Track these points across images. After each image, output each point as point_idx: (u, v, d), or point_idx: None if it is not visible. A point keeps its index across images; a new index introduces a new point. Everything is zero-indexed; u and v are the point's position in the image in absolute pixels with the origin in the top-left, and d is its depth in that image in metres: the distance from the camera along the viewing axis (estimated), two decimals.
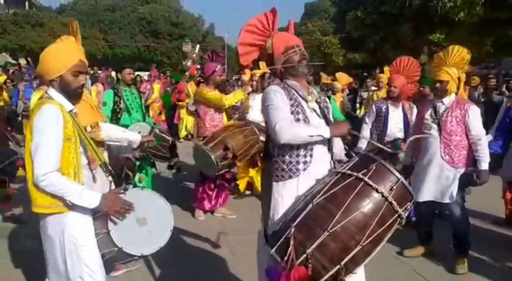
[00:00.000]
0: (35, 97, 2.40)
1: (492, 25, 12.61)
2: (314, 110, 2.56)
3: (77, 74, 2.27)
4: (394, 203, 2.07)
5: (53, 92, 2.27)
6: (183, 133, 10.98)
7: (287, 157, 2.50)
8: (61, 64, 2.24)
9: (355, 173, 2.13)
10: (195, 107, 5.83)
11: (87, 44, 37.52)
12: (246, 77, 11.35)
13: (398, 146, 4.99)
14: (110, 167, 2.42)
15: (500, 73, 27.69)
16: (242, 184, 6.28)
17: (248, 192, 6.38)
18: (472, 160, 4.00)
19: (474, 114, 3.94)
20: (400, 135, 5.05)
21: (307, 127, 2.43)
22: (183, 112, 10.80)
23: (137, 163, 4.87)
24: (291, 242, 2.05)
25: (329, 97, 5.51)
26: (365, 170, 2.12)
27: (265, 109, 2.48)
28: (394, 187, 2.09)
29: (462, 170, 3.97)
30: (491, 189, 5.63)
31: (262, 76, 7.31)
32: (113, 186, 2.46)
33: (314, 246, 2.02)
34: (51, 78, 2.27)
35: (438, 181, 3.97)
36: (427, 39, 13.28)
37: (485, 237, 4.84)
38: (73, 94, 2.29)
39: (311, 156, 2.50)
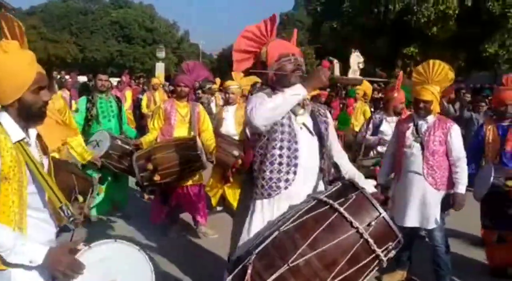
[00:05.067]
0: None
1: (464, 40, 12.83)
2: (305, 125, 2.38)
3: (38, 91, 1.76)
4: (371, 241, 1.84)
5: (4, 118, 1.74)
6: None
7: (267, 173, 2.33)
8: (17, 85, 1.72)
9: (330, 201, 1.90)
10: None
11: (57, 47, 36.62)
12: (215, 85, 11.11)
13: (378, 163, 4.88)
14: (71, 211, 1.83)
15: (469, 87, 28.53)
16: (214, 199, 6.01)
17: (219, 208, 6.10)
18: (452, 181, 3.87)
19: (456, 134, 3.81)
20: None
21: (278, 95, 2.23)
22: None
23: (98, 175, 4.68)
24: (249, 271, 1.85)
25: None
26: (342, 199, 1.89)
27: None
28: (373, 223, 1.86)
29: (444, 193, 3.82)
30: (470, 207, 5.52)
31: (253, 85, 7.11)
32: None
33: (271, 279, 1.81)
34: (7, 104, 1.74)
35: (422, 206, 3.78)
36: (402, 53, 13.39)
37: (465, 260, 4.71)
38: (37, 115, 1.80)
39: (294, 173, 2.31)
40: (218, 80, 11.71)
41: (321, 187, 2.40)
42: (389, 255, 1.93)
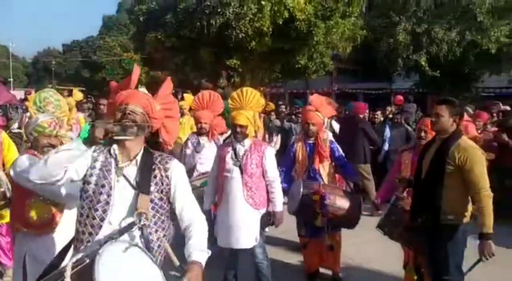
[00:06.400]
0: None
1: (279, 53, 14.05)
2: (125, 177, 2.24)
3: None
4: None
5: None
6: None
7: (76, 223, 2.25)
8: None
9: (68, 263, 1.85)
10: None
11: None
12: (30, 103, 9.80)
13: (205, 184, 4.92)
14: None
15: (286, 92, 31.42)
16: None
17: None
18: (269, 200, 4.15)
19: (270, 156, 4.10)
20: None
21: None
22: None
23: None
24: None
25: None
26: (80, 262, 1.84)
27: None
28: None
29: (263, 211, 4.08)
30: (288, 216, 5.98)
31: None
32: None
33: None
34: None
35: (244, 226, 3.97)
36: (225, 64, 13.99)
37: (284, 265, 5.10)
38: None
39: (99, 227, 2.18)
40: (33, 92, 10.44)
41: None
42: None
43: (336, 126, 8.13)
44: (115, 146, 2.29)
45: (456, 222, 3.39)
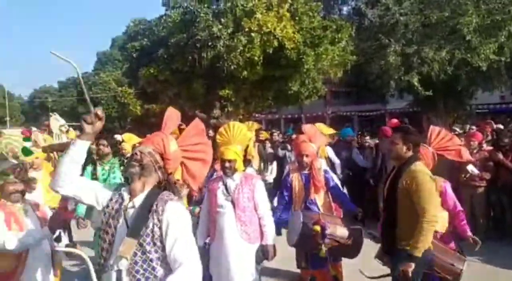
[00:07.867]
0: None
1: (271, 81, 14.18)
2: (125, 218, 2.26)
3: None
4: None
5: None
6: None
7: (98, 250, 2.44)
8: None
9: None
10: None
11: None
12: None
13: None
14: None
15: (281, 118, 31.58)
16: None
17: None
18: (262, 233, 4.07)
19: (261, 189, 4.06)
20: None
21: None
22: None
23: None
24: None
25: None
26: None
27: None
28: None
29: (257, 245, 4.01)
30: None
31: None
32: None
33: None
34: None
35: (239, 262, 3.90)
36: (218, 95, 14.10)
37: None
38: None
39: (105, 260, 2.27)
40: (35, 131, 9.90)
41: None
42: None
43: (331, 152, 8.04)
44: (127, 186, 2.32)
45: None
